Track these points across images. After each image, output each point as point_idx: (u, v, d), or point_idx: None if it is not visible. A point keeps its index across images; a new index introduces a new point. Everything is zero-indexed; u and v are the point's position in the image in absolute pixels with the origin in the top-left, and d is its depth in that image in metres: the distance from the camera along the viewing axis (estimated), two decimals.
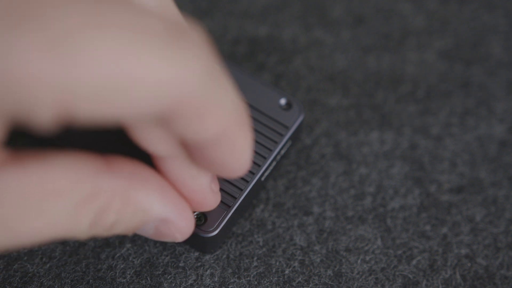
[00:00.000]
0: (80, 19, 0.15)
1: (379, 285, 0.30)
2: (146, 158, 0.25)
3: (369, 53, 0.37)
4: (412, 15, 0.38)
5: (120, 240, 0.30)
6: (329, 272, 0.30)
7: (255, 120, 0.31)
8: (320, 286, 0.30)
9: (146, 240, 0.30)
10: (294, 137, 0.32)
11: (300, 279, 0.30)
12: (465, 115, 0.35)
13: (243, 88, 0.32)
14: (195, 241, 0.29)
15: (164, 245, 0.30)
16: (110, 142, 0.31)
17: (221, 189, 0.29)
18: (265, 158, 0.30)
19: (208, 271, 0.30)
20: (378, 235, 0.31)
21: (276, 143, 0.30)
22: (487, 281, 0.30)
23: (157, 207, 0.22)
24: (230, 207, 0.29)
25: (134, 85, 0.16)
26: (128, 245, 0.30)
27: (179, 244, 0.30)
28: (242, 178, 0.30)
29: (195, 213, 0.29)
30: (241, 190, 0.29)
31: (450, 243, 0.31)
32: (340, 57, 0.37)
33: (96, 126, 0.18)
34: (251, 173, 0.30)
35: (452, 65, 0.36)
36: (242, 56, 0.36)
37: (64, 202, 0.18)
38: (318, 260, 0.30)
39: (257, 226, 0.31)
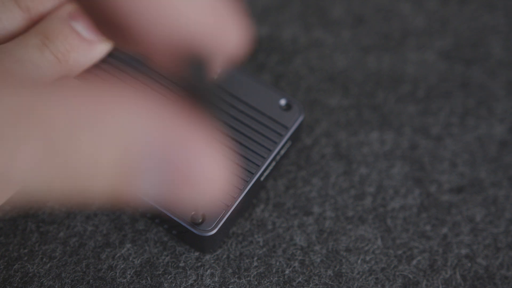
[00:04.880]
0: None
1: (379, 285, 0.30)
2: None
3: (369, 53, 0.37)
4: (412, 15, 0.38)
5: (121, 240, 0.30)
6: (329, 272, 0.30)
7: (255, 120, 0.31)
8: (320, 286, 0.30)
9: (146, 240, 0.30)
10: (294, 138, 0.32)
11: (300, 279, 0.30)
12: (465, 115, 0.35)
13: (243, 88, 0.32)
14: (194, 240, 0.29)
15: (164, 245, 0.30)
16: None
17: None
18: (264, 158, 0.30)
19: (208, 271, 0.30)
20: (378, 235, 0.31)
21: (276, 143, 0.30)
22: (487, 281, 0.30)
23: None
24: (229, 206, 0.29)
25: None
26: (128, 245, 0.30)
27: (179, 244, 0.30)
28: (241, 178, 0.30)
29: (194, 212, 0.29)
30: (240, 189, 0.29)
31: (450, 243, 0.31)
32: (340, 57, 0.37)
33: None
34: (250, 173, 0.30)
35: (452, 65, 0.36)
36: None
37: None
38: (318, 260, 0.30)
39: (257, 226, 0.31)
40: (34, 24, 0.27)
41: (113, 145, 0.15)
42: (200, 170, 0.16)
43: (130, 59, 0.30)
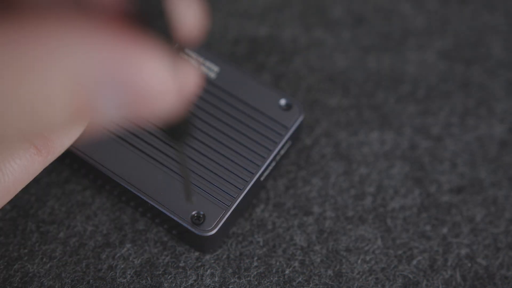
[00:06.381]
0: None
1: (379, 285, 0.30)
2: None
3: (369, 53, 0.37)
4: (412, 15, 0.38)
5: (121, 240, 0.30)
6: (329, 272, 0.30)
7: (255, 120, 0.31)
8: (321, 286, 0.30)
9: (146, 240, 0.30)
10: (294, 138, 0.32)
11: (300, 279, 0.30)
12: (465, 115, 0.35)
13: (243, 88, 0.32)
14: (194, 240, 0.29)
15: (164, 245, 0.30)
16: None
17: (220, 189, 0.29)
18: (264, 158, 0.30)
19: (209, 271, 0.30)
20: (378, 235, 0.31)
21: (276, 143, 0.30)
22: (487, 281, 0.30)
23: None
24: (229, 206, 0.29)
25: None
26: (128, 245, 0.30)
27: (179, 244, 0.30)
28: (241, 178, 0.30)
29: (194, 212, 0.29)
30: (240, 189, 0.29)
31: (450, 243, 0.31)
32: (340, 57, 0.37)
33: None
34: (250, 173, 0.30)
35: (452, 65, 0.36)
36: (242, 56, 0.36)
37: None
38: (318, 260, 0.30)
39: (257, 226, 0.31)
40: None
41: (65, 82, 0.15)
42: (148, 83, 0.16)
43: None
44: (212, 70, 0.32)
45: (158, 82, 0.16)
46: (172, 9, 0.16)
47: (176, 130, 0.20)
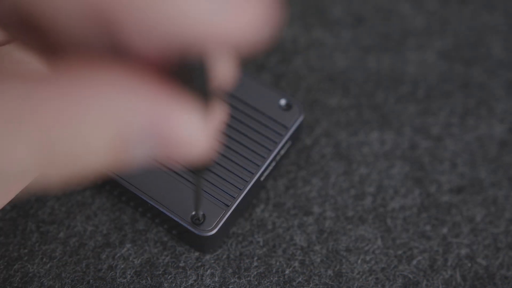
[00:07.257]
0: None
1: (379, 285, 0.30)
2: None
3: (369, 53, 0.37)
4: (412, 15, 0.38)
5: (121, 240, 0.30)
6: (329, 272, 0.30)
7: (255, 120, 0.31)
8: (321, 286, 0.30)
9: (146, 240, 0.30)
10: (294, 138, 0.32)
11: (300, 279, 0.30)
12: (465, 115, 0.35)
13: (243, 88, 0.32)
14: (194, 240, 0.29)
15: (164, 245, 0.30)
16: None
17: (220, 189, 0.29)
18: (264, 158, 0.30)
19: (209, 271, 0.30)
20: (378, 235, 0.31)
21: (276, 143, 0.30)
22: (487, 281, 0.30)
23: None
24: (229, 206, 0.29)
25: None
26: (129, 245, 0.30)
27: (179, 244, 0.30)
28: (241, 178, 0.30)
29: (194, 212, 0.29)
30: (240, 189, 0.29)
31: (450, 243, 0.31)
32: (340, 57, 0.37)
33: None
34: (250, 173, 0.30)
35: (452, 65, 0.36)
36: (242, 56, 0.36)
37: None
38: (318, 260, 0.30)
39: (257, 226, 0.31)
40: None
41: (103, 127, 0.16)
42: (182, 135, 0.16)
43: None
44: None
45: (191, 133, 0.17)
46: (209, 63, 0.16)
47: (199, 163, 0.21)
